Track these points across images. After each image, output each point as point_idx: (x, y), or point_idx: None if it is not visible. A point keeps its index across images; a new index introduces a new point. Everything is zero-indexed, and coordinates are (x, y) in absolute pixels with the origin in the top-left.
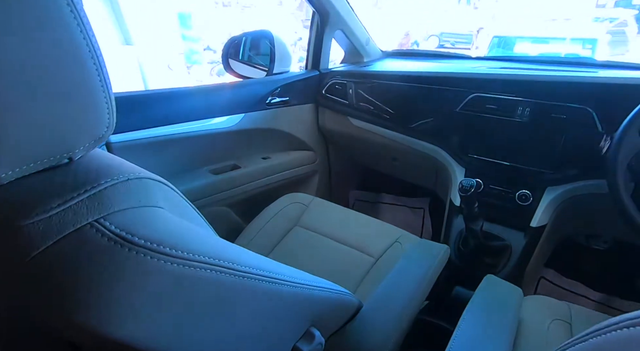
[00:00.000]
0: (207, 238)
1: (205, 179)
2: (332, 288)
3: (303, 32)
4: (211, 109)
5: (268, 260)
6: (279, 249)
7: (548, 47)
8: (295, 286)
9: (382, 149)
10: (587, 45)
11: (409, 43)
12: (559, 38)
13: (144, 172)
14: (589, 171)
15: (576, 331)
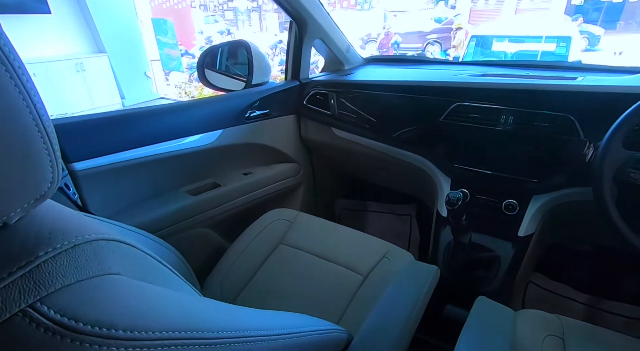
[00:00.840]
0: (172, 304)
1: (183, 201)
2: (315, 330)
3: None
4: (186, 127)
5: (242, 312)
6: (263, 270)
7: (524, 46)
8: (273, 339)
9: (366, 159)
10: (561, 43)
11: (389, 42)
12: (535, 36)
13: (96, 231)
14: (573, 179)
15: (569, 346)
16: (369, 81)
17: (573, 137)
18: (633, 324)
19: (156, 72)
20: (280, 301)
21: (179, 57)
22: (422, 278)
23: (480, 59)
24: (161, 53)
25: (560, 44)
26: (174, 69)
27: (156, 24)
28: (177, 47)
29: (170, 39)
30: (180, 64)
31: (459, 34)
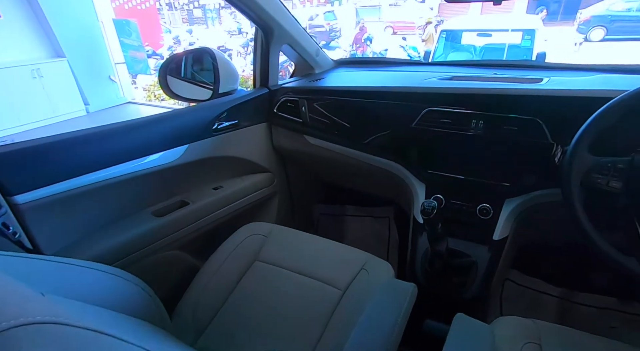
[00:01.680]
0: None
1: (148, 224)
2: None
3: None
4: (147, 145)
5: None
6: (238, 291)
7: (491, 39)
8: None
9: (341, 166)
10: (526, 36)
11: (363, 37)
12: (501, 29)
13: (11, 315)
14: (543, 181)
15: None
16: (340, 87)
17: (541, 140)
18: (603, 313)
19: (122, 76)
20: (257, 324)
21: (146, 59)
22: (400, 298)
23: (450, 53)
24: (126, 56)
25: (525, 36)
26: (140, 72)
27: (118, 25)
28: (143, 49)
29: (135, 40)
30: (147, 66)
31: (428, 28)
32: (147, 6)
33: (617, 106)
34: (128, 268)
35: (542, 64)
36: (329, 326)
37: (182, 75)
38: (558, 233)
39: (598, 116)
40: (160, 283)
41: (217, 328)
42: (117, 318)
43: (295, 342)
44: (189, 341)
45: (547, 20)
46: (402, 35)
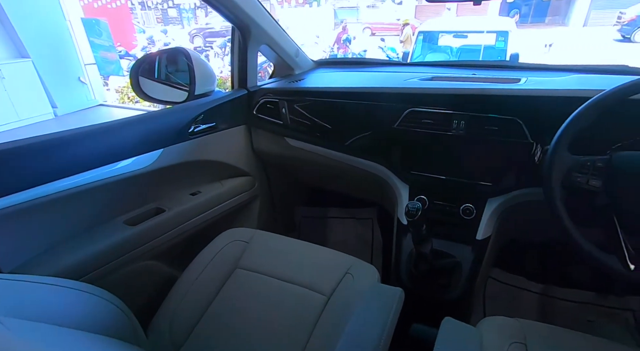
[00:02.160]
0: None
1: (120, 233)
2: None
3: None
4: (118, 151)
5: None
6: (218, 301)
7: (467, 40)
8: None
9: (323, 168)
10: (500, 38)
11: (342, 38)
12: (477, 31)
13: None
14: (524, 180)
15: (532, 350)
16: (321, 88)
17: (521, 140)
18: (581, 308)
19: (92, 77)
20: (239, 334)
21: (117, 60)
22: (386, 305)
23: (428, 53)
24: (96, 56)
25: (499, 38)
26: (112, 73)
27: (87, 24)
28: (115, 49)
29: (106, 40)
30: (119, 67)
31: (406, 29)
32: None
33: (595, 106)
34: (97, 283)
35: (519, 65)
36: (315, 334)
37: (156, 76)
38: (538, 230)
39: (577, 115)
40: (134, 297)
41: (196, 341)
42: (85, 338)
43: (282, 348)
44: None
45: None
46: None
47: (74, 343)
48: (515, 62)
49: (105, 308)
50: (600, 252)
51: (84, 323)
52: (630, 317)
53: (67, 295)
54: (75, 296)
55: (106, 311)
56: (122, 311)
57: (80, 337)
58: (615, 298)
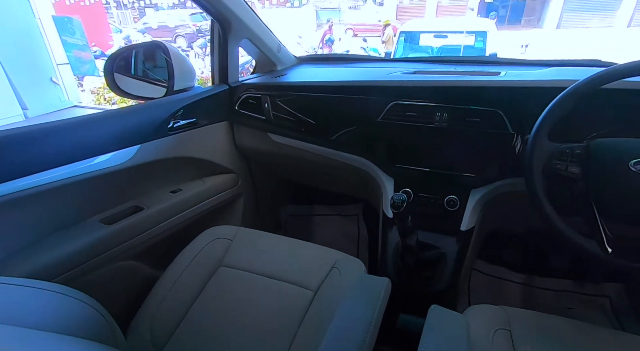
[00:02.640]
0: None
1: (96, 232)
2: None
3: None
4: (92, 146)
5: None
6: (201, 300)
7: (448, 40)
8: None
9: (307, 164)
10: (479, 38)
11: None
12: (457, 31)
13: None
14: (506, 171)
15: (515, 336)
16: (304, 82)
17: (502, 131)
18: (561, 296)
19: (66, 78)
20: (223, 335)
21: (92, 60)
22: (374, 294)
23: (409, 53)
24: (69, 56)
25: (478, 38)
26: (87, 73)
27: (59, 22)
28: (89, 48)
29: (79, 39)
30: (94, 67)
31: (387, 30)
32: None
33: (572, 94)
34: (72, 284)
35: (498, 60)
36: (302, 328)
37: (132, 72)
38: (520, 220)
39: (555, 104)
40: (113, 298)
41: (179, 342)
42: (61, 341)
43: (268, 345)
44: None
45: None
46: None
47: (46, 345)
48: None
49: (81, 309)
50: (580, 237)
51: (57, 325)
52: (607, 303)
53: (38, 296)
54: (48, 297)
55: (81, 313)
56: (99, 312)
57: (53, 339)
58: (593, 285)
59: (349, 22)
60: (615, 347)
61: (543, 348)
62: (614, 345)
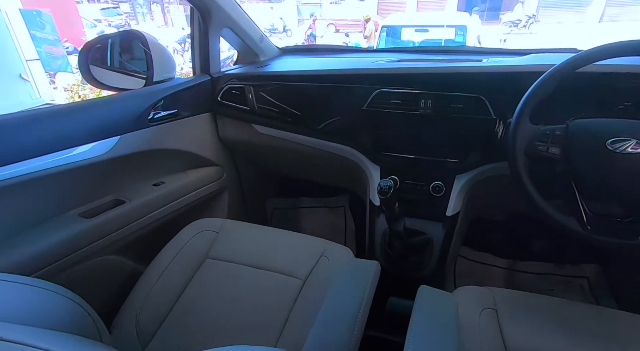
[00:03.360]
0: None
1: (75, 227)
2: None
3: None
4: (70, 137)
5: None
6: (188, 293)
7: (429, 34)
8: None
9: (293, 155)
10: (459, 32)
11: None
12: (437, 25)
13: None
14: (489, 156)
15: (501, 314)
16: (288, 72)
17: (485, 117)
18: (542, 278)
19: (37, 74)
20: (211, 328)
21: (65, 55)
22: (364, 276)
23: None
24: (40, 51)
25: (458, 32)
26: (60, 70)
27: (27, 16)
28: (60, 43)
29: (50, 33)
30: (67, 63)
31: (369, 25)
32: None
33: (553, 76)
34: (53, 279)
35: (479, 49)
36: (292, 317)
37: (109, 64)
38: (504, 204)
39: (536, 86)
40: (96, 293)
41: (166, 336)
42: (44, 333)
43: (257, 335)
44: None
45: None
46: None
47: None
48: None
49: (63, 304)
50: (560, 215)
51: (38, 320)
52: (585, 283)
53: (17, 291)
54: (28, 292)
55: (63, 307)
56: (81, 307)
57: (35, 333)
58: (572, 267)
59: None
60: (594, 320)
61: (527, 325)
62: (593, 318)
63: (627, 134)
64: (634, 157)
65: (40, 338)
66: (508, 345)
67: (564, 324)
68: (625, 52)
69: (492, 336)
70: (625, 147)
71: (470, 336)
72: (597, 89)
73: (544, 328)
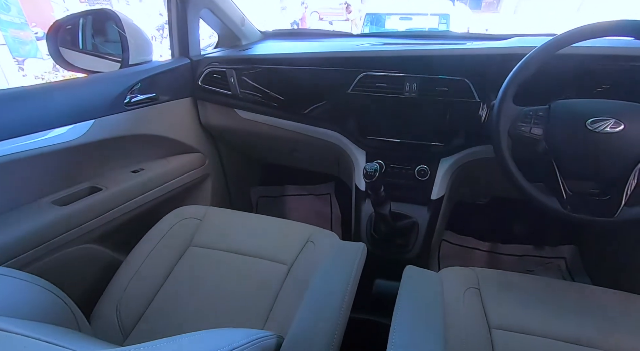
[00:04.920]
0: None
1: (48, 214)
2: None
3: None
4: (39, 120)
5: None
6: (171, 281)
7: (413, 22)
8: None
9: (277, 141)
10: (442, 20)
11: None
12: (421, 14)
13: None
14: (473, 139)
15: (484, 293)
16: (272, 55)
17: (469, 100)
18: (523, 260)
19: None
20: (195, 315)
21: (34, 41)
22: (350, 257)
23: None
24: (6, 36)
25: (441, 20)
26: (29, 56)
27: None
28: (28, 27)
29: (16, 17)
30: (36, 48)
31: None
32: None
33: (536, 56)
34: (26, 269)
35: (462, 34)
36: (278, 302)
37: (81, 46)
38: (484, 189)
39: (520, 66)
40: (74, 283)
41: (149, 324)
42: (21, 322)
43: (244, 319)
44: (116, 342)
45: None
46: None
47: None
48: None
49: (37, 294)
50: (542, 194)
51: (12, 309)
52: (562, 263)
53: None
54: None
55: (38, 297)
56: (57, 297)
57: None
58: (550, 248)
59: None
60: (570, 296)
61: (508, 303)
62: (569, 294)
63: (606, 114)
64: (611, 137)
65: (13, 324)
66: (491, 321)
67: (542, 300)
68: (601, 33)
69: (475, 314)
70: (604, 127)
71: (454, 315)
72: (577, 72)
73: (524, 305)
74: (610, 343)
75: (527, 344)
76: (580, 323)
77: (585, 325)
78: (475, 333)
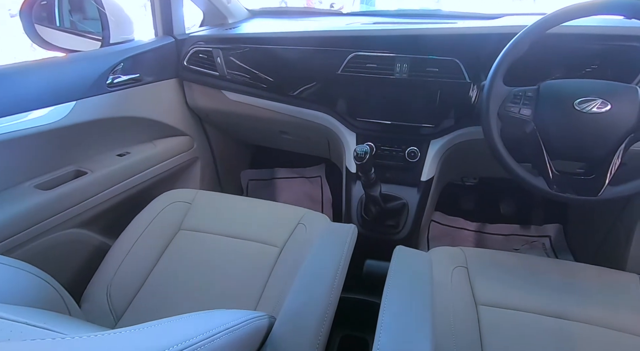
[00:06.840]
0: None
1: (32, 199)
2: (228, 328)
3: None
4: (18, 100)
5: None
6: (161, 265)
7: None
8: None
9: (267, 123)
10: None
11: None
12: None
13: None
14: (462, 120)
15: (471, 271)
16: (260, 34)
17: (460, 80)
18: (509, 239)
19: None
20: (187, 297)
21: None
22: (341, 239)
23: None
24: None
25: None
26: None
27: None
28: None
29: None
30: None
31: None
32: None
33: (526, 36)
34: (11, 254)
35: (453, 13)
36: (269, 284)
37: (58, 24)
38: (472, 170)
39: (510, 46)
40: (62, 268)
41: (140, 307)
42: (7, 307)
43: (236, 301)
44: (107, 326)
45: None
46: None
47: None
48: None
49: (19, 277)
50: (529, 174)
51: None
52: (547, 242)
53: None
54: None
55: (26, 282)
56: (45, 281)
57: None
58: (536, 227)
59: None
60: (554, 273)
61: (494, 280)
62: (553, 271)
63: (593, 94)
64: (598, 117)
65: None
66: (477, 298)
67: (528, 278)
68: (591, 11)
69: (463, 292)
70: (591, 107)
71: (443, 293)
72: (567, 52)
73: (510, 282)
74: (589, 314)
75: (512, 319)
76: (562, 298)
77: (566, 299)
78: (462, 310)
